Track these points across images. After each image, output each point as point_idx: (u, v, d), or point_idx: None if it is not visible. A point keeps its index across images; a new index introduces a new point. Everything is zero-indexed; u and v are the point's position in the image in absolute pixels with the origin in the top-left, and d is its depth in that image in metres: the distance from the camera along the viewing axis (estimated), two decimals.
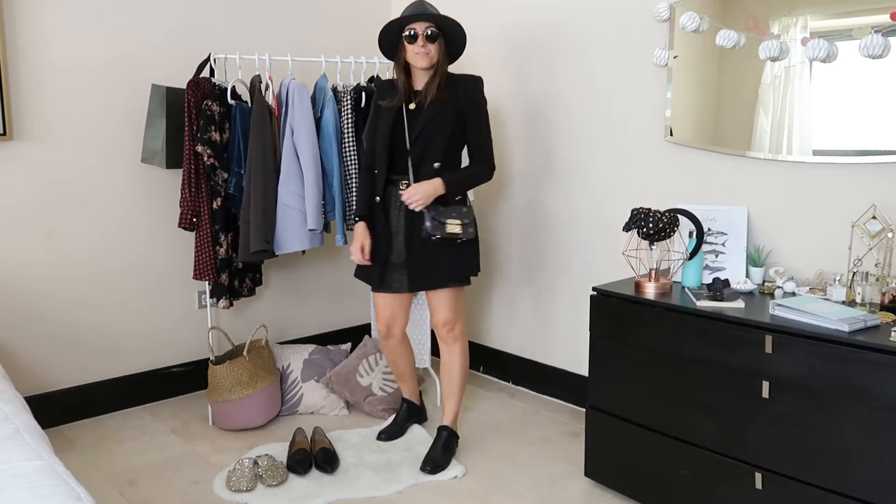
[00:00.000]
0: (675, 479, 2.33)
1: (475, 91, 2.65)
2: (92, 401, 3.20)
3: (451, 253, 2.63)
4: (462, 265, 2.67)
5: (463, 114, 2.62)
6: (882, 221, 2.21)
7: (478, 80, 2.67)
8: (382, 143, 2.62)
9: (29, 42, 2.92)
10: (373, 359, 3.32)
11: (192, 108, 2.96)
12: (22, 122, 2.94)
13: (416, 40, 2.53)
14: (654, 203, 2.93)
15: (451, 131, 2.61)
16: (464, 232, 2.58)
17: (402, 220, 2.64)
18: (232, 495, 2.54)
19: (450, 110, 2.59)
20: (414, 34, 2.53)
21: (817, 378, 1.96)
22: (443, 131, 2.59)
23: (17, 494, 1.40)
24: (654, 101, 2.89)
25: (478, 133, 2.64)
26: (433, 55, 2.56)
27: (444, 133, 2.59)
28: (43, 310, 3.06)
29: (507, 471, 2.75)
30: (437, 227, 2.53)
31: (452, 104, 2.59)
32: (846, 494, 1.94)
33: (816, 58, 2.32)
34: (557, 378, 3.41)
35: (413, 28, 2.54)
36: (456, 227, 2.56)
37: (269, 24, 3.57)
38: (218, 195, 3.05)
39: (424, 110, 2.59)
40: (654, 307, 2.35)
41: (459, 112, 2.61)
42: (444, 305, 2.70)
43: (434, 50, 2.55)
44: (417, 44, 2.53)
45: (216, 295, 3.13)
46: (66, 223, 3.08)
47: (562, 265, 3.34)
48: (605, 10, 3.03)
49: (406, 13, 2.58)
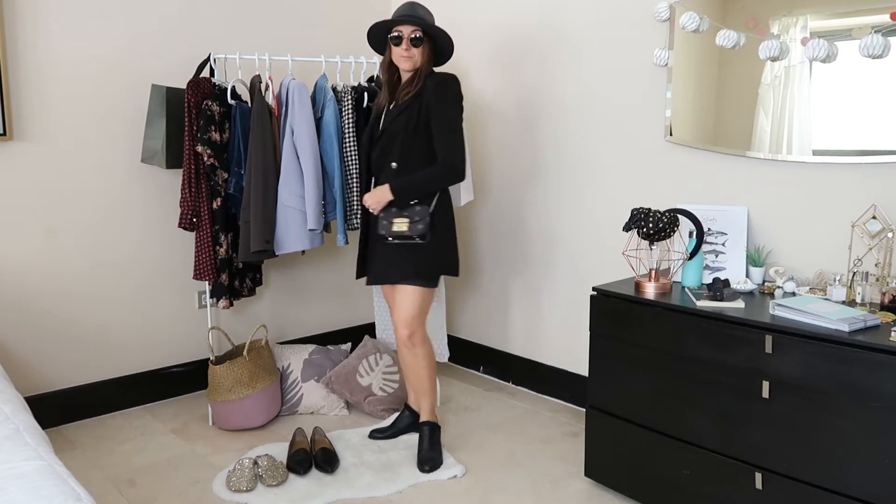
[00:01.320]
0: (675, 479, 2.34)
1: (439, 89, 2.59)
2: (92, 401, 3.20)
3: (400, 253, 2.65)
4: (420, 265, 2.65)
5: (426, 113, 2.60)
6: (882, 221, 2.21)
7: (447, 78, 2.62)
8: (363, 145, 2.76)
9: (29, 42, 2.92)
10: (373, 359, 3.32)
11: (192, 108, 2.96)
12: (22, 122, 2.94)
13: (401, 43, 2.57)
14: (654, 203, 2.93)
15: (412, 130, 2.60)
16: (411, 230, 2.59)
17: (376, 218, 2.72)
18: (232, 495, 2.54)
19: (412, 110, 2.60)
20: (399, 37, 2.57)
21: (817, 378, 1.96)
22: (403, 131, 2.61)
23: (18, 494, 1.40)
24: (654, 101, 2.89)
25: (439, 132, 2.60)
26: (417, 59, 2.59)
27: (405, 132, 2.61)
28: (43, 310, 3.06)
29: (507, 471, 2.75)
30: (385, 227, 2.64)
31: (416, 104, 2.60)
32: (846, 494, 1.94)
33: (816, 58, 2.32)
34: (557, 378, 3.41)
35: (399, 31, 2.57)
36: (402, 225, 2.60)
37: (269, 23, 3.57)
38: (218, 195, 3.05)
39: (391, 110, 2.67)
40: (654, 307, 2.35)
41: (422, 111, 2.60)
42: (401, 303, 2.72)
43: (418, 54, 2.59)
44: (402, 47, 2.58)
45: (216, 295, 3.13)
46: (65, 223, 3.09)
47: (562, 265, 3.34)
48: (604, 10, 3.03)
49: (395, 14, 2.61)
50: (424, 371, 2.82)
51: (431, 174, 2.61)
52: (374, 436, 2.96)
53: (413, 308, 2.70)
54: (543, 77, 3.31)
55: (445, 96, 2.60)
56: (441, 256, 2.70)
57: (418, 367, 2.80)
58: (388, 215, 2.63)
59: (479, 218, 3.71)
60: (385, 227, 2.63)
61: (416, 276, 2.66)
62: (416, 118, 2.59)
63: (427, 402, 2.86)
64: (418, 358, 2.79)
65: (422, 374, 2.82)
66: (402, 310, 2.71)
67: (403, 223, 2.60)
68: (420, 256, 2.64)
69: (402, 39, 2.57)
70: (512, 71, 3.45)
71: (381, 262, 2.72)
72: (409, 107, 2.60)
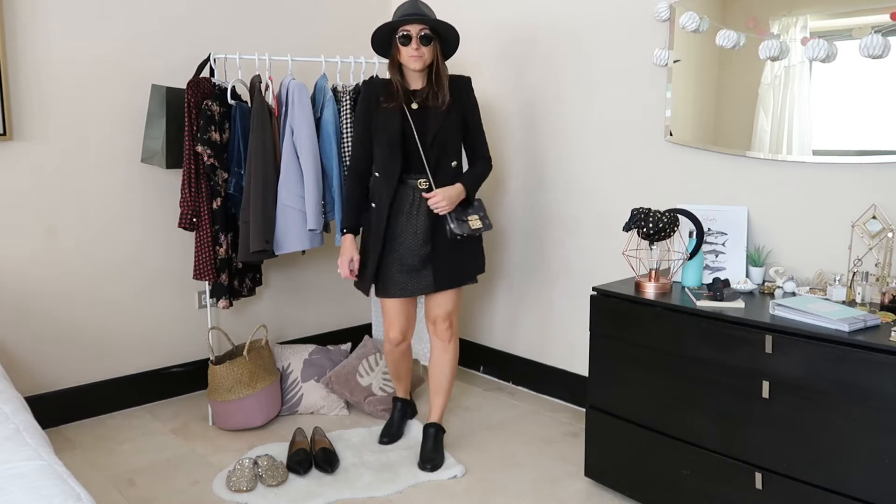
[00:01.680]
0: (675, 479, 2.34)
1: (471, 91, 2.73)
2: (92, 401, 3.20)
3: (468, 251, 2.72)
4: (478, 262, 2.78)
5: (463, 113, 2.68)
6: (882, 221, 2.21)
7: (469, 80, 2.75)
8: (392, 144, 2.59)
9: (29, 42, 2.92)
10: (373, 359, 3.32)
11: (192, 108, 2.95)
12: (22, 122, 2.94)
13: (410, 42, 2.54)
14: (654, 203, 2.93)
15: (460, 131, 2.69)
16: (483, 225, 2.67)
17: (423, 221, 2.63)
18: (232, 495, 2.54)
19: (457, 111, 2.66)
20: (408, 36, 2.54)
21: (817, 378, 1.96)
22: (457, 131, 2.67)
23: (18, 494, 1.40)
24: (654, 102, 2.89)
25: (477, 132, 2.75)
26: (427, 57, 2.58)
27: (458, 133, 2.68)
28: (43, 310, 3.06)
29: (507, 471, 2.75)
30: (462, 226, 2.62)
31: (456, 105, 2.65)
32: (846, 494, 1.94)
33: (816, 58, 2.32)
34: (557, 378, 3.41)
35: (407, 30, 2.54)
36: (477, 222, 2.66)
37: (269, 24, 3.57)
38: (218, 195, 3.05)
39: (434, 111, 2.61)
40: (654, 307, 2.35)
41: (461, 112, 2.68)
42: (451, 301, 2.74)
43: (427, 52, 2.57)
44: (411, 46, 2.54)
45: (216, 295, 3.13)
46: (65, 223, 3.09)
47: (562, 265, 3.34)
48: (605, 10, 3.03)
49: (399, 13, 2.58)
50: (452, 369, 2.83)
51: (484, 170, 2.75)
52: (382, 441, 2.96)
53: (458, 302, 2.78)
54: (545, 78, 3.31)
55: (474, 98, 2.74)
56: (483, 252, 2.82)
57: (448, 363, 2.82)
58: (460, 214, 2.62)
59: None
60: (463, 227, 2.61)
61: (479, 271, 2.78)
62: (461, 119, 2.68)
63: (442, 403, 2.86)
64: (449, 354, 2.81)
65: (448, 372, 2.83)
66: (447, 305, 2.74)
67: (476, 220, 2.65)
68: (476, 253, 2.76)
69: (411, 38, 2.53)
70: (514, 72, 3.45)
71: (448, 264, 2.67)
72: (451, 109, 2.64)
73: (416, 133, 2.60)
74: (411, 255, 2.64)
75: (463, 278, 2.73)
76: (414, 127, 2.60)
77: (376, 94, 2.66)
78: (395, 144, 2.60)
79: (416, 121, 2.61)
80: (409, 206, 2.64)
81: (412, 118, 2.61)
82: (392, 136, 2.59)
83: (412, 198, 2.63)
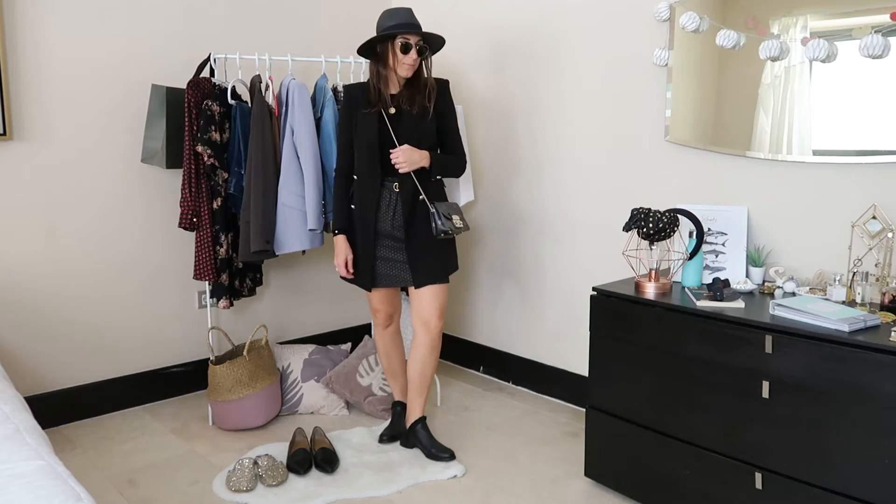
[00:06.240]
0: (675, 479, 2.34)
1: (447, 94, 2.80)
2: (92, 401, 3.20)
3: (445, 249, 2.79)
4: (452, 260, 2.84)
5: (440, 116, 2.77)
6: (882, 221, 2.21)
7: (446, 82, 2.82)
8: (372, 149, 2.68)
9: (29, 42, 2.92)
10: (373, 359, 3.32)
11: (192, 108, 2.96)
12: (22, 122, 2.94)
13: (410, 51, 2.61)
14: (654, 203, 2.93)
15: (435, 133, 2.75)
16: (464, 224, 2.73)
17: (400, 218, 2.72)
18: (232, 495, 2.54)
19: (434, 114, 2.73)
20: (409, 45, 2.61)
21: (817, 378, 1.96)
22: (431, 134, 2.73)
23: (18, 494, 1.40)
24: (654, 101, 2.89)
25: (453, 133, 2.82)
26: (416, 66, 2.68)
27: (432, 136, 2.74)
28: (43, 310, 3.06)
29: (507, 471, 2.75)
30: (446, 225, 2.67)
31: (433, 108, 2.73)
32: (846, 494, 1.94)
33: (816, 58, 2.32)
34: (557, 378, 3.41)
35: (406, 38, 2.60)
36: (459, 222, 2.72)
37: (269, 24, 3.57)
38: (218, 195, 3.05)
39: (409, 115, 2.70)
40: (654, 307, 2.35)
41: (438, 115, 2.76)
42: (438, 299, 2.77)
43: (419, 62, 2.68)
44: (410, 55, 2.62)
45: (216, 295, 3.14)
46: (65, 223, 3.09)
47: (562, 265, 3.34)
48: (604, 10, 3.03)
49: (395, 20, 2.62)
50: (432, 366, 2.87)
51: (455, 162, 2.82)
52: (381, 440, 2.97)
53: (446, 301, 2.81)
54: (544, 77, 3.31)
55: (451, 100, 2.82)
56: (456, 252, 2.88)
57: (433, 362, 2.85)
58: (445, 212, 2.69)
59: (478, 218, 3.71)
60: (447, 225, 2.67)
61: (454, 268, 2.85)
62: (435, 121, 2.74)
63: (423, 400, 2.90)
64: (436, 352, 2.85)
65: (431, 370, 2.87)
66: (437, 304, 2.77)
67: (458, 220, 2.71)
68: (451, 252, 2.82)
69: (411, 47, 2.61)
70: (515, 71, 3.45)
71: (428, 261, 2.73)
72: (426, 112, 2.71)
73: (395, 137, 2.67)
74: (389, 249, 2.75)
75: (441, 276, 2.77)
76: (392, 131, 2.67)
77: (356, 99, 2.73)
78: (374, 149, 2.69)
79: (395, 125, 2.68)
80: (386, 205, 2.73)
81: (390, 123, 2.68)
82: (371, 140, 2.68)
83: (389, 199, 2.72)
